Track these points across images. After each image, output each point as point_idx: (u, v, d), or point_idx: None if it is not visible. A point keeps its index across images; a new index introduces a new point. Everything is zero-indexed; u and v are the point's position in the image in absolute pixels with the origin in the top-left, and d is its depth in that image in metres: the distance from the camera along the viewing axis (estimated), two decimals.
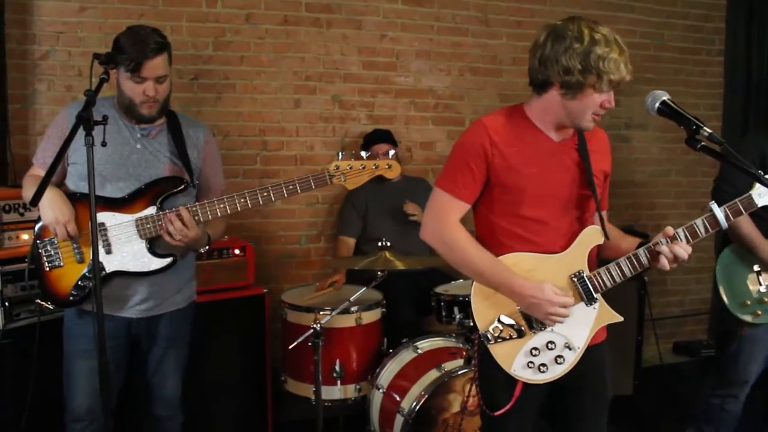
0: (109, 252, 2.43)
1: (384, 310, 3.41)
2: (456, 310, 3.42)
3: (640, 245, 2.12)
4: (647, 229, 4.80)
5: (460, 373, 2.88)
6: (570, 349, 2.07)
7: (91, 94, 2.03)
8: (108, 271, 2.43)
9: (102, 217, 2.40)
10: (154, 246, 2.47)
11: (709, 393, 3.25)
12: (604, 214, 2.23)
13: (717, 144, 1.52)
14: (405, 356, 3.17)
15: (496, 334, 2.00)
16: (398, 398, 2.96)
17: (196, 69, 4.02)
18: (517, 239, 2.05)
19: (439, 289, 3.57)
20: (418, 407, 2.81)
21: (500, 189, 2.04)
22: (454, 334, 3.39)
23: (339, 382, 3.21)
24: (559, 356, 2.06)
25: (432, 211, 2.11)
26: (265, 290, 3.63)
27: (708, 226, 2.09)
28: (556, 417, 2.24)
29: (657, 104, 1.64)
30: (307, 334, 2.92)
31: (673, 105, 1.62)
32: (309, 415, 3.63)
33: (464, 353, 3.12)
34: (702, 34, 5.13)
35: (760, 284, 3.02)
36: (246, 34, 4.09)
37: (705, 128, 1.54)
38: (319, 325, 2.92)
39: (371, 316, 3.30)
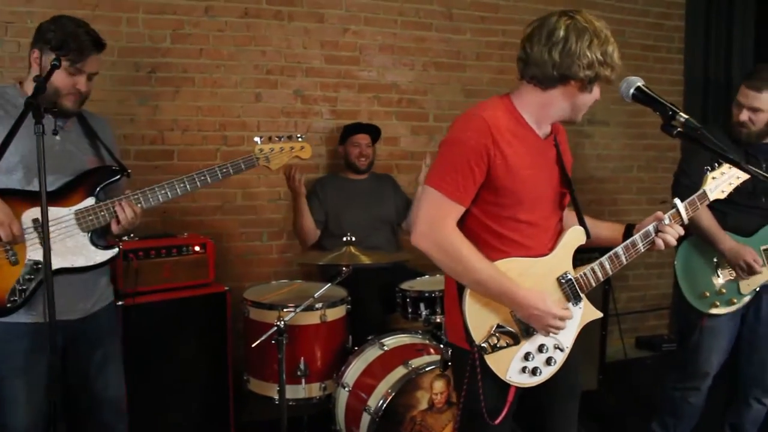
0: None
1: (349, 306, 3.34)
2: (422, 306, 3.36)
3: (626, 234, 2.18)
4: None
5: (427, 369, 2.83)
6: (560, 350, 2.06)
7: (42, 80, 1.93)
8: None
9: (35, 212, 2.28)
10: (95, 238, 2.38)
11: (672, 386, 3.27)
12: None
13: (694, 129, 1.49)
14: (371, 354, 3.11)
15: (493, 344, 1.95)
16: (365, 396, 2.90)
17: (154, 62, 3.90)
18: (510, 243, 1.98)
19: (405, 285, 3.52)
20: (385, 405, 2.76)
21: (495, 192, 1.94)
22: (420, 331, 3.34)
23: (303, 380, 3.13)
24: (550, 358, 2.04)
25: (427, 215, 1.94)
26: (226, 288, 3.54)
27: (672, 221, 2.11)
28: (528, 413, 2.21)
29: (631, 90, 1.61)
30: (270, 331, 2.84)
31: (647, 91, 1.60)
32: (273, 414, 3.54)
33: (431, 350, 3.09)
34: (662, 31, 5.18)
35: (719, 276, 3.05)
36: (205, 26, 3.99)
37: (681, 114, 1.51)
38: (282, 322, 2.84)
39: (336, 313, 3.23)
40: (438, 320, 3.34)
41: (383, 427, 2.77)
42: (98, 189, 2.40)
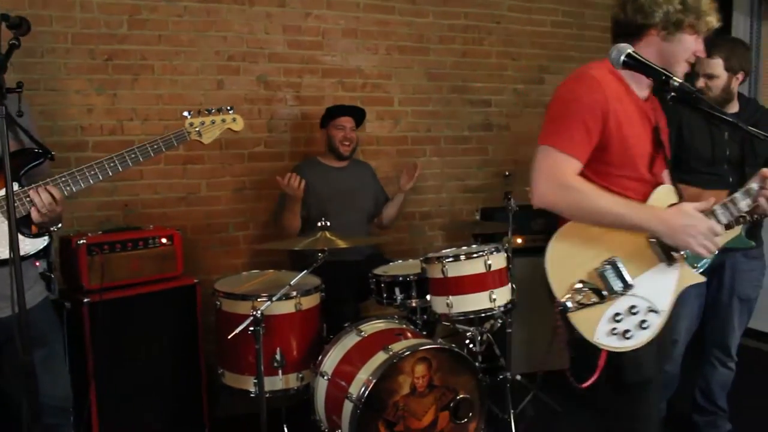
0: None
1: (323, 294, 3.28)
2: (397, 291, 3.34)
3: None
4: None
5: (407, 354, 2.79)
6: (654, 313, 1.99)
7: (2, 59, 1.81)
8: None
9: None
10: (20, 226, 2.21)
11: None
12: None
13: (689, 93, 1.48)
14: (348, 341, 3.06)
15: (576, 300, 1.89)
16: (345, 384, 2.85)
17: (110, 49, 3.76)
18: None
19: (378, 271, 3.48)
20: (367, 392, 2.70)
21: (606, 149, 1.91)
22: (396, 316, 3.30)
23: (280, 371, 3.05)
24: (643, 321, 1.97)
25: (545, 172, 1.92)
26: (195, 280, 3.45)
27: None
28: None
29: (622, 57, 1.59)
30: (247, 321, 2.76)
31: (638, 57, 1.58)
32: (248, 408, 3.48)
33: (409, 334, 3.05)
34: None
35: None
36: (163, 11, 3.86)
37: (675, 78, 1.49)
38: (259, 312, 2.76)
39: (311, 301, 3.16)
40: (413, 304, 3.31)
41: (366, 414, 2.72)
42: (20, 174, 2.24)
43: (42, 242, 2.29)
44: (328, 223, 3.03)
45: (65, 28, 3.63)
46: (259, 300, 2.98)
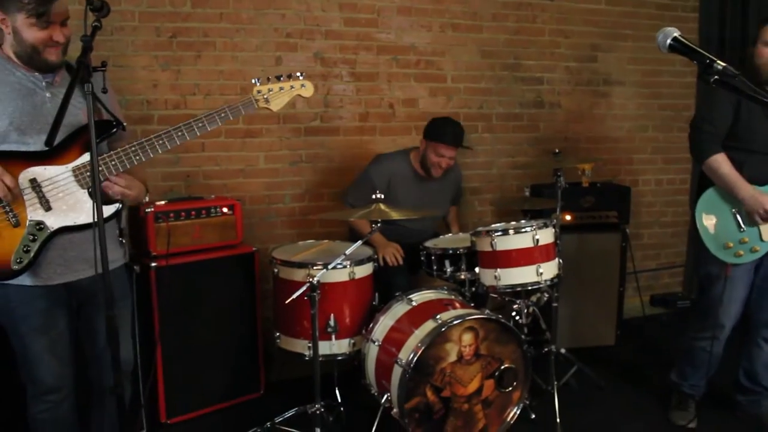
0: (48, 209, 2.27)
1: (376, 265, 3.41)
2: (447, 263, 3.45)
3: None
4: (626, 183, 4.87)
5: (456, 323, 2.90)
6: None
7: (88, 40, 1.96)
8: (53, 229, 2.28)
9: (32, 172, 2.25)
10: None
11: (693, 336, 3.35)
12: None
13: (732, 77, 1.53)
14: (399, 309, 3.18)
15: None
16: (395, 350, 2.97)
17: (175, 27, 3.93)
18: None
19: (429, 244, 3.59)
20: (416, 358, 2.83)
21: None
22: (445, 287, 3.41)
23: (334, 336, 3.20)
24: None
25: None
26: (254, 248, 3.62)
27: None
28: None
29: (668, 41, 1.64)
30: (304, 287, 2.91)
31: (685, 41, 1.63)
32: (301, 372, 3.66)
33: (457, 305, 3.16)
34: None
35: (740, 225, 3.09)
36: None
37: (718, 62, 1.55)
38: (316, 279, 2.91)
39: (364, 271, 3.29)
40: (462, 277, 3.42)
41: (414, 379, 2.84)
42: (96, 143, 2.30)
43: (113, 208, 2.40)
44: (382, 196, 3.12)
45: (133, 6, 3.81)
46: (315, 268, 3.12)
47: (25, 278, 2.30)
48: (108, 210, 2.37)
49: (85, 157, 2.32)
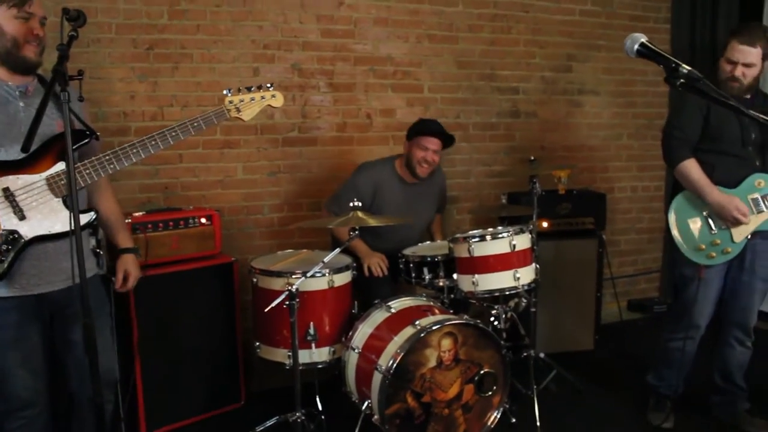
0: (22, 218, 2.26)
1: (355, 273, 3.42)
2: (425, 270, 3.48)
3: None
4: (602, 190, 4.94)
5: (435, 328, 2.92)
6: None
7: (64, 49, 1.97)
8: (27, 238, 2.27)
9: (4, 181, 2.24)
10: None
11: (668, 338, 3.41)
12: None
13: (696, 80, 1.58)
14: (378, 317, 3.20)
15: None
16: (374, 357, 2.99)
17: (152, 39, 3.93)
18: None
19: (407, 252, 3.62)
20: (395, 364, 2.84)
21: None
22: (424, 294, 3.44)
23: (313, 345, 3.20)
24: None
25: None
26: (233, 258, 3.62)
27: None
28: None
29: (636, 46, 1.69)
30: (283, 295, 2.91)
31: (651, 46, 1.68)
32: (282, 382, 3.66)
33: (436, 311, 3.18)
34: (650, 1, 5.25)
35: (712, 227, 3.16)
36: (201, 2, 4.01)
37: (683, 66, 1.59)
38: (295, 287, 2.92)
39: (343, 279, 3.30)
40: (441, 284, 3.44)
41: (394, 385, 2.86)
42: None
43: (88, 216, 2.40)
44: (360, 204, 3.14)
45: (109, 19, 3.81)
46: (293, 276, 3.13)
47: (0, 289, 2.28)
48: (84, 219, 2.37)
49: (60, 166, 2.32)
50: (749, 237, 3.15)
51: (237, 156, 4.19)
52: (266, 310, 2.96)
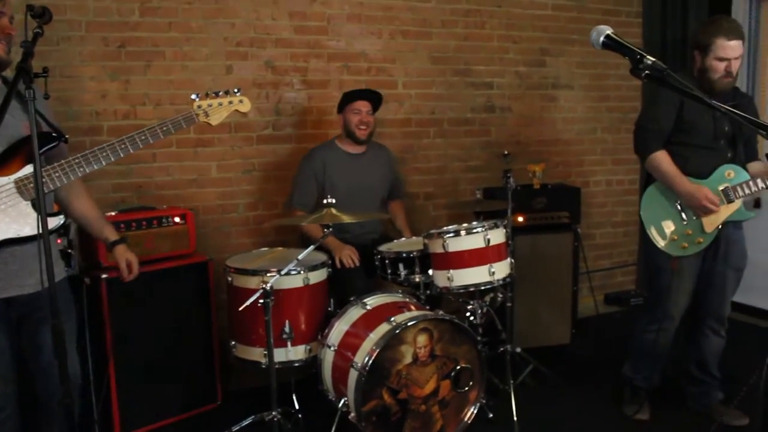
0: None
1: (330, 270, 3.41)
2: (401, 266, 3.48)
3: None
4: (577, 184, 4.96)
5: (410, 324, 2.92)
6: None
7: (29, 46, 1.94)
8: None
9: None
10: None
11: (642, 329, 3.43)
12: None
13: (660, 71, 1.59)
14: (354, 314, 3.19)
15: None
16: (350, 354, 2.99)
17: (123, 36, 3.89)
18: None
19: (383, 248, 3.61)
20: (371, 361, 2.84)
21: None
22: (400, 291, 3.44)
23: (289, 343, 3.19)
24: None
25: None
26: (208, 257, 3.60)
27: None
28: None
29: (601, 38, 1.69)
30: (257, 294, 2.90)
31: (616, 38, 1.68)
32: (257, 382, 3.65)
33: (412, 307, 3.18)
34: None
35: (683, 218, 3.19)
36: None
37: (648, 57, 1.60)
38: (269, 285, 2.90)
39: (318, 276, 3.30)
40: (417, 280, 3.45)
41: (370, 382, 2.86)
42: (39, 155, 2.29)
43: (57, 220, 2.38)
44: (333, 201, 3.13)
45: (79, 16, 3.76)
46: (268, 275, 3.11)
47: None
48: (52, 222, 2.34)
49: (28, 169, 2.29)
50: (720, 227, 3.18)
51: (211, 154, 4.16)
52: (241, 308, 2.95)
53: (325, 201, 3.11)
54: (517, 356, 3.85)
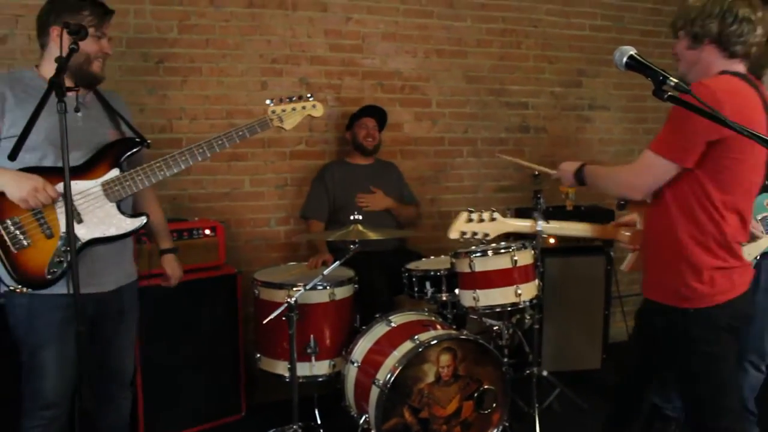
0: (80, 221, 2.37)
1: (356, 286, 3.42)
2: (428, 285, 3.46)
3: None
4: (611, 207, 4.89)
5: (434, 343, 2.91)
6: None
7: (63, 61, 2.01)
8: (84, 241, 2.38)
9: (63, 187, 2.31)
10: (122, 207, 2.48)
11: None
12: None
13: (683, 92, 1.57)
14: (378, 330, 3.20)
15: None
16: (373, 371, 2.98)
17: (161, 52, 3.98)
18: None
19: (411, 266, 3.61)
20: (393, 378, 2.83)
21: None
22: (426, 309, 3.43)
23: (313, 358, 3.21)
24: None
25: None
26: (237, 270, 3.63)
27: None
28: None
29: (624, 59, 1.69)
30: (282, 307, 2.92)
31: (640, 58, 1.68)
32: (282, 395, 3.65)
33: (437, 326, 3.17)
34: (661, 17, 5.23)
35: None
36: (211, 17, 4.06)
37: (671, 78, 1.59)
38: (294, 299, 2.92)
39: (344, 292, 3.31)
40: (444, 298, 3.43)
41: (392, 399, 2.85)
42: (122, 160, 2.48)
43: (140, 221, 2.52)
44: (360, 217, 3.15)
45: (120, 33, 3.86)
46: (294, 289, 3.13)
47: (54, 288, 2.36)
48: (134, 223, 2.50)
49: (114, 172, 2.46)
50: (758, 257, 3.09)
51: (244, 168, 4.22)
52: (264, 321, 2.97)
53: (351, 217, 3.13)
54: (544, 380, 3.79)
